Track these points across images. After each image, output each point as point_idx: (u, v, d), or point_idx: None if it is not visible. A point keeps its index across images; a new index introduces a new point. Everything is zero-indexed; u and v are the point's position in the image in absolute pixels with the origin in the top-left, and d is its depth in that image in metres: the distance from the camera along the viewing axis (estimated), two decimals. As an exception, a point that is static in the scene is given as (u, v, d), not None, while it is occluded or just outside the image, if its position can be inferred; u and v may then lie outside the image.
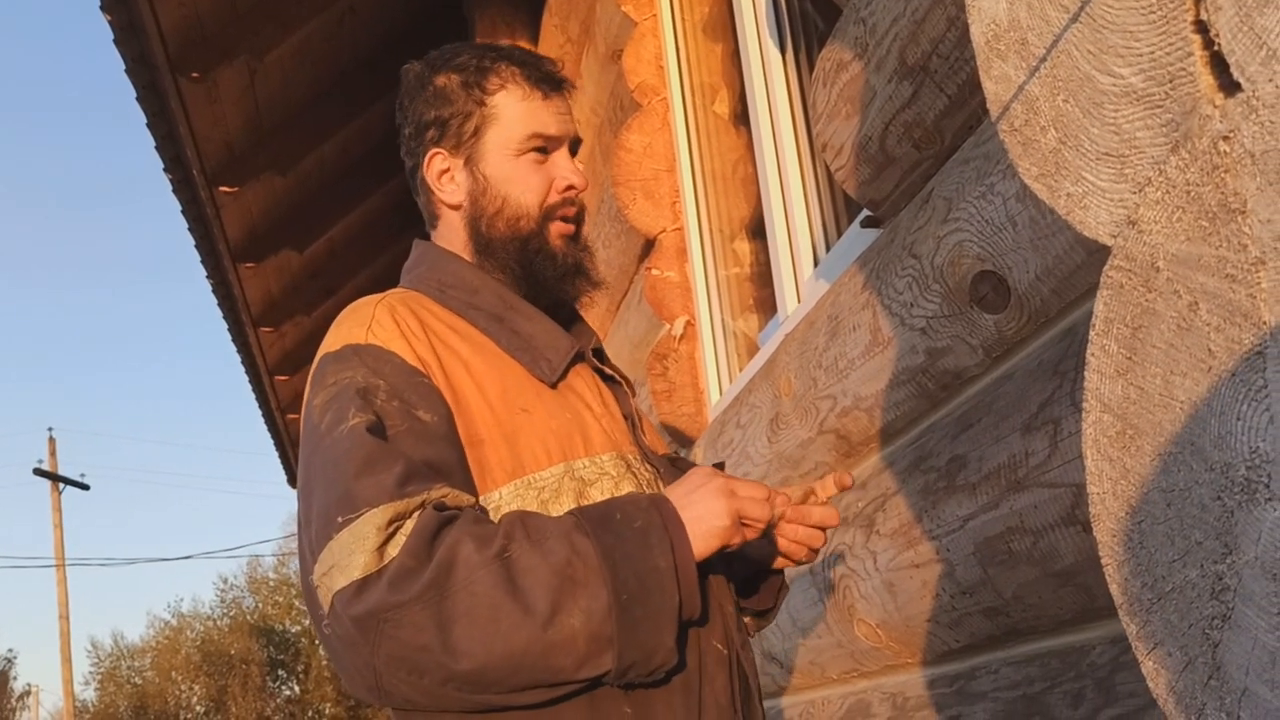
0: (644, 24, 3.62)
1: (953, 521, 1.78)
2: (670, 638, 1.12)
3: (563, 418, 1.29)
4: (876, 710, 2.23)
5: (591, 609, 1.08)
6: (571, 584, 1.09)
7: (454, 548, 1.09)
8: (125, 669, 29.95)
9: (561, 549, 1.10)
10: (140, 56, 3.89)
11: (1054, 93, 0.87)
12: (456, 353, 1.28)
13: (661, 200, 3.56)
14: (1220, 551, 0.74)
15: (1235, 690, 0.73)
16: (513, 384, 1.29)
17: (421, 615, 1.06)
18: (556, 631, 1.07)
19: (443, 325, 1.30)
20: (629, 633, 1.10)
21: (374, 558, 1.09)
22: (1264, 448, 0.70)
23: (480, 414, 1.24)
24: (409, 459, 1.14)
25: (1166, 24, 0.75)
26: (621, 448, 1.33)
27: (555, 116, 1.39)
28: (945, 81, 1.75)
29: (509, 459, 1.24)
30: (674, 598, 1.12)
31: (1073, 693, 1.59)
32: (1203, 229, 0.73)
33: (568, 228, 1.40)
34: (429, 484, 1.14)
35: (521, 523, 1.13)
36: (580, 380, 1.37)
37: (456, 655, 1.06)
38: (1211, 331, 0.73)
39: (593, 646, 1.09)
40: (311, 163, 5.03)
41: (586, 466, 1.27)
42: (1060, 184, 0.87)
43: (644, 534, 1.14)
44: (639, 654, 1.11)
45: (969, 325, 1.76)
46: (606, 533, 1.13)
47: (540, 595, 1.07)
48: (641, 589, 1.11)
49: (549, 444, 1.26)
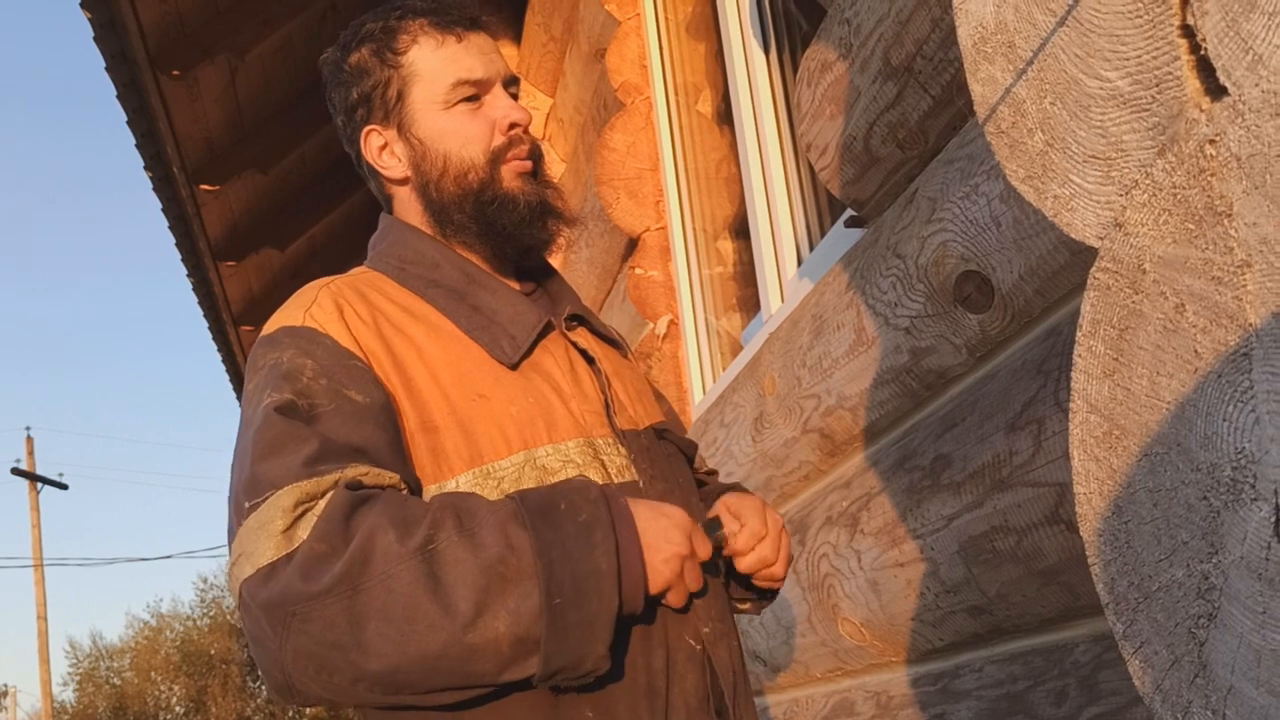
0: (627, 23, 3.62)
1: (937, 520, 1.79)
2: (603, 644, 1.05)
3: (524, 402, 1.20)
4: (860, 709, 2.23)
5: (520, 611, 1.01)
6: (501, 582, 1.01)
7: (371, 536, 1.01)
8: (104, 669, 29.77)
9: (494, 543, 1.03)
10: (120, 54, 3.87)
11: (1041, 95, 0.87)
12: (409, 337, 1.21)
13: (645, 199, 3.56)
14: (1206, 551, 0.75)
15: (1221, 688, 0.74)
16: (470, 368, 1.20)
17: (333, 609, 0.99)
18: (478, 635, 1.00)
19: (397, 308, 1.24)
20: (559, 638, 1.02)
21: (281, 542, 1.02)
22: (1249, 448, 0.71)
23: (434, 400, 1.17)
24: (326, 438, 1.07)
25: (1153, 28, 0.76)
26: (592, 432, 1.23)
27: (478, 57, 1.30)
28: (929, 82, 1.76)
29: (465, 447, 1.16)
30: (612, 603, 1.05)
31: (1056, 691, 1.60)
32: (1189, 232, 0.74)
33: (523, 165, 1.30)
34: (345, 463, 1.06)
35: (454, 509, 1.05)
36: (549, 357, 1.27)
37: (368, 654, 1.00)
38: (1198, 333, 0.74)
39: (517, 650, 1.02)
40: (293, 161, 5.00)
41: (550, 454, 1.18)
42: (1047, 186, 0.88)
43: (587, 530, 1.06)
44: (567, 660, 1.04)
45: (953, 325, 1.77)
46: (546, 526, 1.05)
47: (464, 594, 1.00)
48: (577, 592, 1.03)
49: (508, 431, 1.18)
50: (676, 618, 1.19)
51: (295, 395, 1.10)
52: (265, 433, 1.08)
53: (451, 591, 1.00)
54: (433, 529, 1.03)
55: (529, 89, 4.49)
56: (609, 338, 1.40)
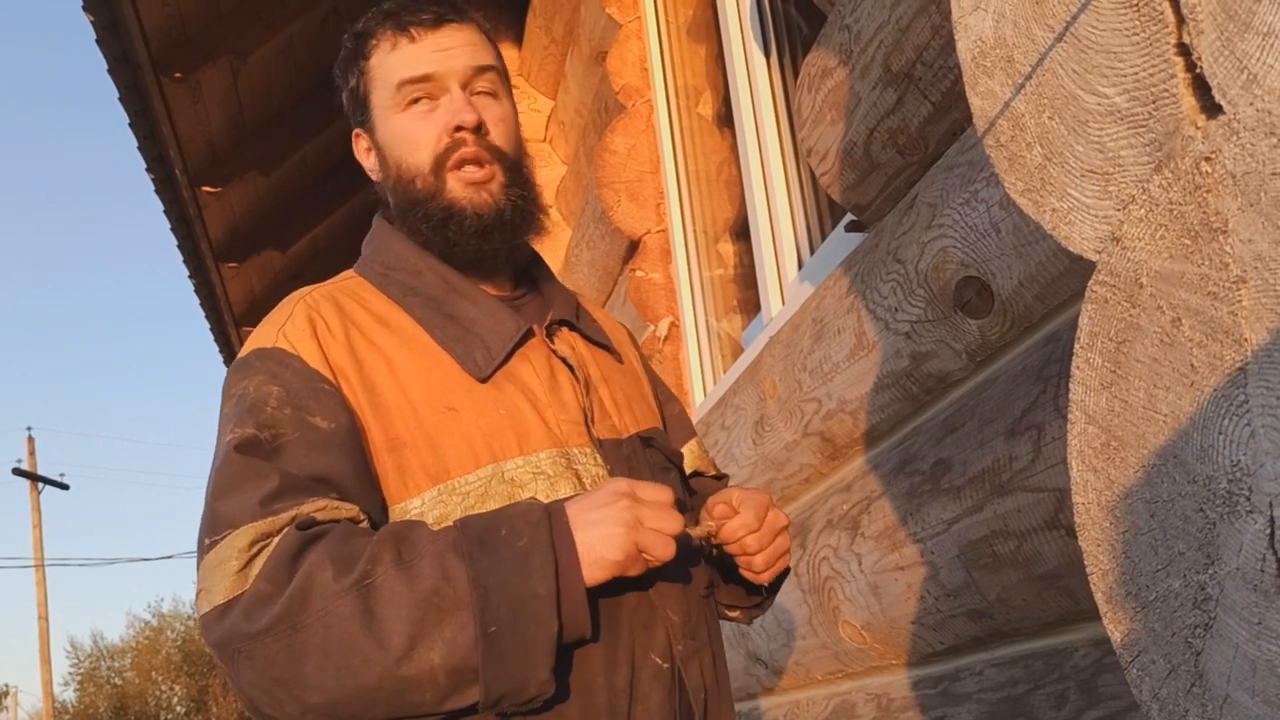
0: (628, 26, 3.63)
1: (937, 524, 1.80)
2: (544, 669, 1.04)
3: (494, 415, 1.18)
4: (861, 711, 2.25)
5: (455, 641, 1.02)
6: (437, 613, 1.02)
7: (310, 574, 1.03)
8: (105, 669, 29.79)
9: (430, 574, 1.03)
10: (122, 56, 3.88)
11: (1040, 110, 0.88)
12: (381, 350, 1.19)
13: (646, 202, 3.57)
14: (1202, 562, 0.76)
15: (1217, 698, 0.75)
16: (440, 380, 1.19)
17: (274, 647, 1.02)
18: (412, 666, 1.01)
19: (372, 319, 1.22)
20: (496, 665, 1.03)
21: (236, 582, 1.05)
22: (1245, 461, 0.72)
23: (402, 415, 1.17)
24: (286, 473, 1.09)
25: (1150, 46, 0.77)
26: (567, 442, 1.20)
27: (430, 54, 1.23)
28: (929, 88, 1.77)
29: (432, 462, 1.16)
30: (551, 627, 1.04)
31: (1056, 694, 1.61)
32: (1185, 247, 0.75)
33: (472, 173, 1.22)
34: (302, 498, 1.08)
35: (395, 540, 1.06)
36: (528, 365, 1.24)
37: (309, 689, 1.02)
38: (1194, 347, 0.75)
39: (455, 680, 1.03)
40: (294, 163, 5.01)
41: (519, 467, 1.17)
42: (1045, 199, 0.89)
43: (526, 555, 1.05)
44: (508, 686, 1.04)
45: (953, 330, 1.78)
46: (484, 553, 1.05)
47: (397, 628, 1.01)
48: (514, 619, 1.03)
49: (476, 445, 1.16)
50: (645, 635, 1.17)
51: (257, 429, 1.12)
52: (224, 471, 1.11)
53: (386, 625, 1.02)
54: (370, 564, 1.04)
55: (530, 91, 4.50)
56: (600, 342, 1.36)
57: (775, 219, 2.82)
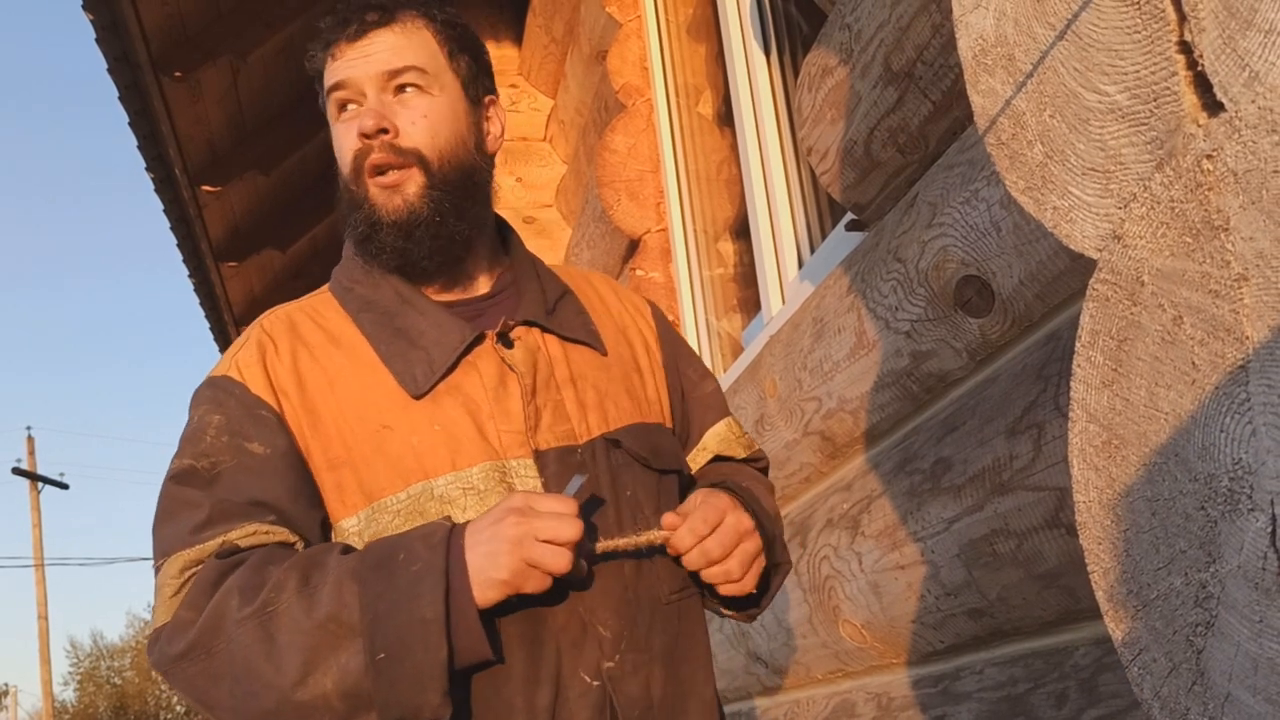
0: (628, 25, 3.63)
1: (937, 523, 1.80)
2: (435, 695, 1.05)
3: (427, 431, 1.17)
4: (861, 710, 2.25)
5: (347, 668, 1.05)
6: (332, 640, 1.05)
7: (221, 602, 1.08)
8: (105, 669, 29.80)
9: (328, 601, 1.06)
10: (122, 56, 3.88)
11: (1041, 108, 0.88)
12: (325, 369, 1.21)
13: (646, 201, 3.57)
14: (1204, 560, 0.76)
15: (1219, 696, 0.75)
16: (379, 398, 1.19)
17: (191, 671, 1.08)
18: (306, 692, 1.05)
19: (324, 337, 1.23)
20: (387, 691, 1.04)
21: (167, 608, 1.12)
22: (1246, 459, 0.72)
23: (339, 434, 1.18)
24: (218, 500, 1.14)
25: (1151, 44, 0.77)
26: (506, 454, 1.19)
27: (350, 62, 1.22)
28: (930, 87, 1.77)
29: (367, 480, 1.17)
30: (439, 652, 1.04)
31: (1056, 693, 1.61)
32: (1186, 245, 0.75)
33: (384, 179, 1.20)
34: (231, 525, 1.12)
35: (304, 567, 1.09)
36: (475, 375, 1.21)
37: (223, 711, 1.08)
38: (1195, 345, 0.75)
39: (350, 705, 1.05)
40: (294, 162, 5.01)
41: (450, 484, 1.16)
42: (1047, 198, 0.89)
43: (417, 580, 1.06)
44: (400, 711, 1.05)
45: (953, 329, 1.78)
46: (379, 578, 1.06)
47: (293, 655, 1.05)
48: (401, 645, 1.04)
49: (406, 463, 1.17)
50: (573, 653, 1.15)
51: (194, 459, 1.17)
52: (162, 501, 1.18)
53: (284, 652, 1.05)
54: (274, 591, 1.07)
55: (530, 90, 4.50)
56: (576, 338, 1.30)
57: (775, 218, 2.82)
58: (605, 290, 1.42)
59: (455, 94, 1.26)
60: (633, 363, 1.34)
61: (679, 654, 1.22)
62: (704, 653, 1.26)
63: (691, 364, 1.44)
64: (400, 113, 1.22)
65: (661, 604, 1.22)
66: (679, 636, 1.23)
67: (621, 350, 1.34)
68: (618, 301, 1.41)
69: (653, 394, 1.35)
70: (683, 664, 1.22)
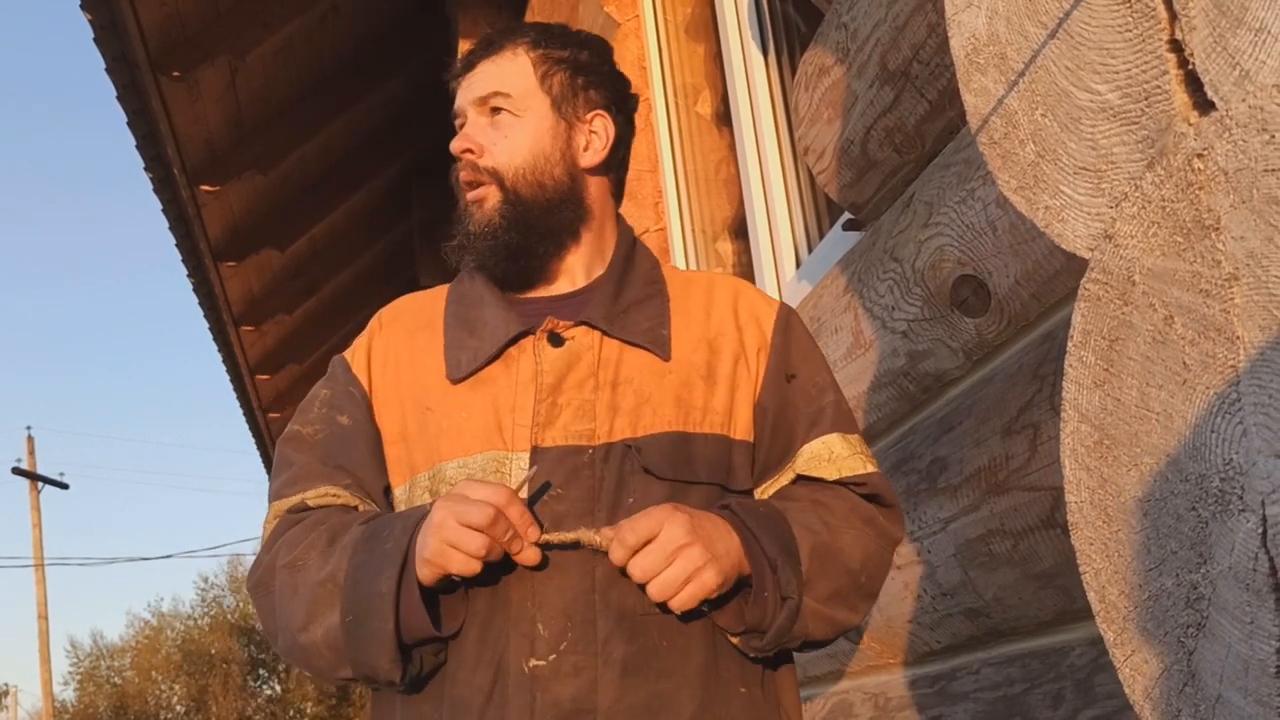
0: (626, 25, 3.63)
1: (934, 523, 1.80)
2: (385, 659, 1.18)
3: (458, 416, 1.29)
4: (858, 710, 2.24)
5: (330, 624, 1.21)
6: (327, 599, 1.21)
7: (277, 551, 1.28)
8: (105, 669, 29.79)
9: (332, 563, 1.22)
10: (120, 55, 3.88)
11: (1033, 107, 0.88)
12: (410, 350, 1.36)
13: (644, 201, 3.57)
14: (1195, 561, 0.75)
15: (1210, 697, 0.75)
16: (433, 381, 1.32)
17: (258, 601, 1.30)
18: (306, 638, 1.22)
19: (422, 322, 1.38)
20: (354, 650, 1.19)
21: (262, 543, 1.34)
22: (1237, 459, 0.71)
23: (401, 413, 1.33)
24: (306, 463, 1.32)
25: (1142, 42, 0.77)
26: (512, 446, 1.25)
27: (460, 93, 1.40)
28: (926, 87, 1.76)
29: (413, 455, 1.31)
30: (388, 622, 1.17)
31: (1052, 694, 1.60)
32: (1177, 244, 0.75)
33: (471, 194, 1.36)
34: (309, 485, 1.31)
35: (333, 532, 1.25)
36: (512, 368, 1.29)
37: (270, 637, 1.30)
38: (1186, 345, 0.75)
39: (334, 655, 1.21)
40: (293, 161, 5.01)
41: (456, 469, 1.27)
42: (1039, 197, 0.89)
43: (385, 557, 1.19)
44: (366, 670, 1.20)
45: (950, 329, 1.78)
46: (364, 552, 1.21)
47: (302, 605, 1.23)
48: (364, 612, 1.18)
49: (435, 443, 1.29)
50: (518, 644, 1.19)
51: (301, 425, 1.37)
52: (276, 456, 1.39)
53: (298, 602, 1.23)
54: (308, 548, 1.25)
55: (528, 90, 4.49)
56: (637, 343, 1.31)
57: (773, 218, 2.82)
58: (722, 297, 1.40)
59: (543, 113, 1.37)
60: (704, 371, 1.32)
61: (655, 667, 1.20)
62: (698, 669, 1.22)
63: (811, 377, 1.38)
64: (489, 133, 1.36)
65: (637, 614, 1.21)
66: (657, 650, 1.21)
67: (694, 358, 1.33)
68: (730, 310, 1.39)
69: (720, 403, 1.32)
70: (660, 678, 1.20)
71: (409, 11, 4.87)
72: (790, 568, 1.21)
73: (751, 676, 1.27)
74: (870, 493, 1.34)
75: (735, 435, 1.31)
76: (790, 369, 1.37)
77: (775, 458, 1.34)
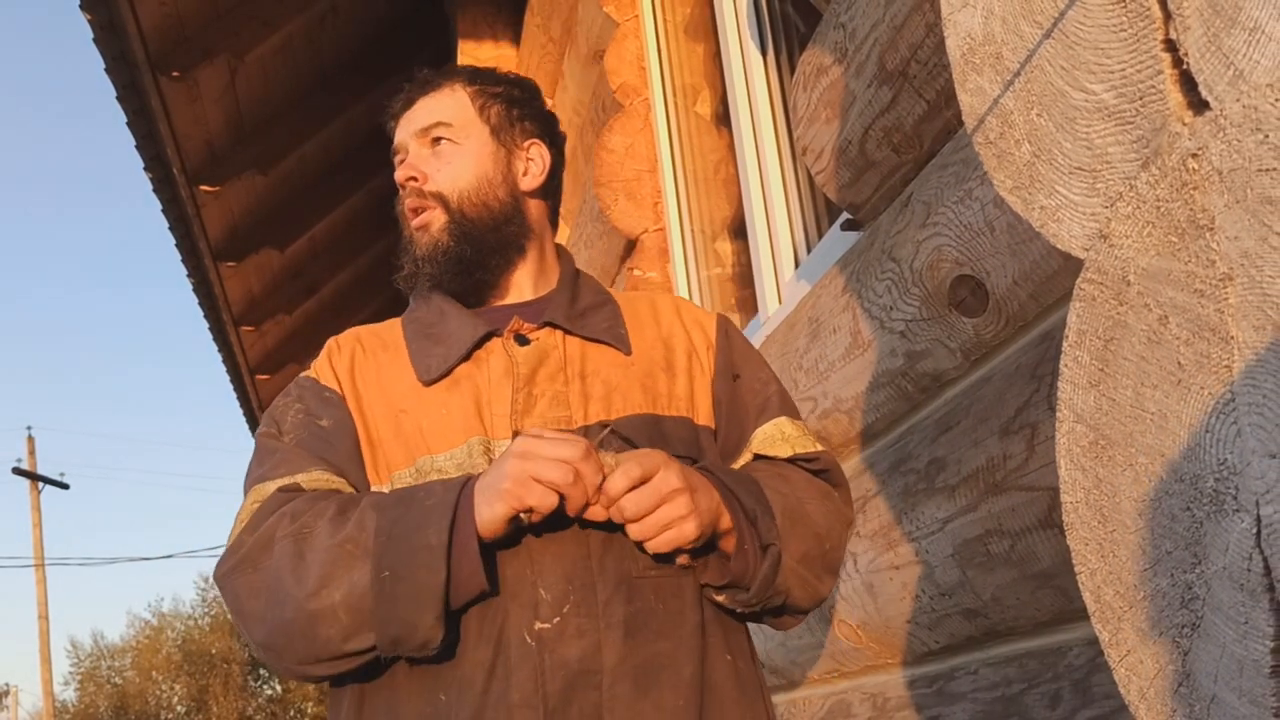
0: (625, 24, 3.62)
1: (932, 523, 1.80)
2: (430, 615, 1.15)
3: (436, 414, 1.34)
4: (857, 710, 2.24)
5: (356, 584, 1.17)
6: (347, 558, 1.17)
7: (274, 524, 1.23)
8: (105, 669, 29.80)
9: (351, 526, 1.19)
10: (120, 55, 3.88)
11: (1028, 107, 0.88)
12: (373, 366, 1.40)
13: (643, 201, 3.56)
14: (1190, 561, 0.75)
15: (1204, 698, 0.75)
16: (403, 388, 1.37)
17: (236, 583, 1.24)
18: (318, 602, 1.17)
19: (379, 343, 1.44)
20: (387, 608, 1.16)
21: (234, 531, 1.29)
22: (1231, 460, 0.71)
23: (373, 419, 1.36)
24: (291, 451, 1.32)
25: (1137, 42, 0.76)
26: (494, 433, 1.32)
27: (399, 128, 1.48)
28: (924, 87, 1.76)
29: (389, 457, 1.34)
30: (439, 575, 1.15)
31: (1050, 694, 1.60)
32: (1172, 244, 0.75)
33: (416, 219, 1.43)
34: (298, 469, 1.30)
35: (342, 501, 1.24)
36: (484, 366, 1.36)
37: (250, 622, 1.23)
38: (1181, 345, 0.75)
39: (354, 619, 1.17)
40: (293, 162, 5.01)
41: (445, 460, 1.31)
42: (1034, 197, 0.88)
43: (429, 512, 1.18)
44: (398, 629, 1.16)
45: (948, 329, 1.78)
46: (397, 509, 1.20)
47: (313, 570, 1.18)
48: (406, 566, 1.16)
49: (414, 441, 1.33)
50: (518, 614, 1.22)
51: (278, 430, 1.38)
52: (253, 455, 1.38)
53: (307, 567, 1.19)
54: (314, 517, 1.22)
55: (528, 90, 4.48)
56: (598, 338, 1.40)
57: (772, 218, 2.82)
58: (665, 307, 1.52)
59: (483, 140, 1.46)
60: (664, 363, 1.43)
61: (653, 628, 1.25)
62: (692, 632, 1.27)
63: (755, 372, 1.49)
64: (430, 162, 1.44)
65: (633, 577, 1.26)
66: (655, 611, 1.26)
67: (654, 353, 1.43)
68: (674, 316, 1.51)
69: (682, 391, 1.42)
70: (658, 639, 1.25)
71: (409, 11, 4.87)
72: (767, 519, 1.29)
73: (737, 648, 1.34)
74: (821, 468, 1.43)
75: (699, 420, 1.42)
76: (735, 369, 1.48)
77: (731, 445, 1.43)
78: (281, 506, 1.25)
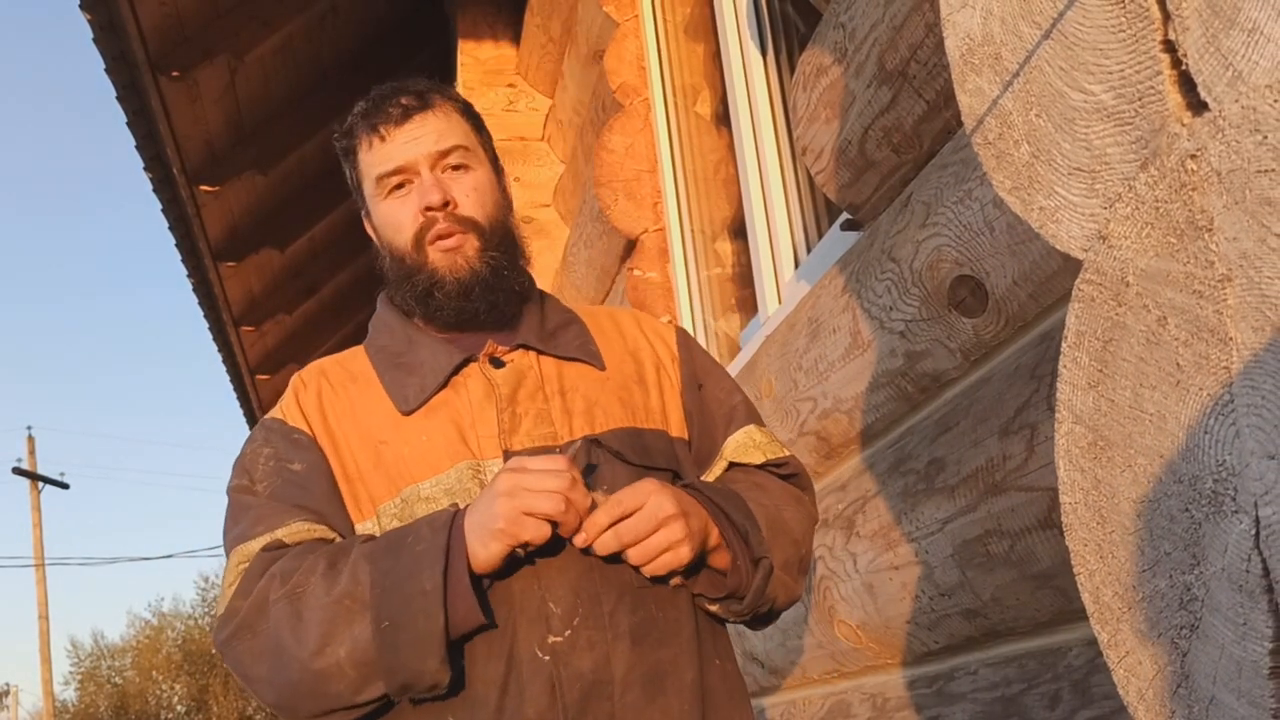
0: (625, 24, 3.62)
1: (931, 524, 1.80)
2: (434, 660, 1.17)
3: (417, 443, 1.33)
4: (857, 710, 2.24)
5: (358, 638, 1.18)
6: (347, 614, 1.19)
7: (264, 587, 1.23)
8: (105, 669, 29.81)
9: (346, 580, 1.20)
10: (120, 55, 3.88)
11: (1027, 107, 0.88)
12: (343, 401, 1.39)
13: (643, 201, 3.56)
14: (1188, 562, 0.75)
15: (1203, 699, 0.75)
16: (380, 420, 1.36)
17: (239, 650, 1.25)
18: (323, 661, 1.19)
19: (346, 377, 1.41)
20: (392, 658, 1.17)
21: (226, 596, 1.29)
22: (1230, 461, 0.71)
23: (350, 454, 1.35)
24: (268, 506, 1.31)
25: (1136, 43, 0.76)
26: (482, 455, 1.31)
27: (399, 148, 1.39)
28: (923, 87, 1.76)
29: (371, 490, 1.33)
30: (437, 620, 1.17)
31: (1050, 694, 1.60)
32: (1171, 245, 0.75)
33: (447, 243, 1.38)
34: (278, 524, 1.29)
35: (330, 555, 1.24)
36: (463, 391, 1.35)
37: (263, 685, 1.24)
38: (1180, 346, 0.75)
39: (362, 672, 1.19)
40: (293, 162, 5.01)
41: (431, 487, 1.31)
42: (1033, 197, 0.88)
43: (420, 558, 1.19)
44: (406, 676, 1.18)
45: (947, 329, 1.78)
46: (388, 558, 1.21)
47: (313, 629, 1.19)
48: (404, 615, 1.17)
49: (394, 472, 1.32)
50: (528, 629, 1.24)
51: (250, 480, 1.36)
52: (227, 511, 1.37)
53: (307, 627, 1.20)
54: (305, 574, 1.22)
55: (527, 90, 4.49)
56: (572, 357, 1.41)
57: (772, 218, 2.82)
58: (625, 321, 1.54)
59: (488, 167, 1.46)
60: (636, 377, 1.44)
61: (655, 637, 1.28)
62: (690, 638, 1.30)
63: (718, 382, 1.52)
64: (454, 187, 1.40)
65: (633, 586, 1.28)
66: (655, 620, 1.29)
67: (625, 368, 1.45)
68: (636, 330, 1.52)
69: (655, 404, 1.44)
70: (660, 647, 1.28)
71: (409, 11, 4.87)
72: (756, 534, 1.33)
73: (724, 652, 1.38)
74: (791, 472, 1.48)
75: (673, 433, 1.44)
76: (698, 379, 1.51)
77: (704, 454, 1.46)
78: (269, 567, 1.25)
